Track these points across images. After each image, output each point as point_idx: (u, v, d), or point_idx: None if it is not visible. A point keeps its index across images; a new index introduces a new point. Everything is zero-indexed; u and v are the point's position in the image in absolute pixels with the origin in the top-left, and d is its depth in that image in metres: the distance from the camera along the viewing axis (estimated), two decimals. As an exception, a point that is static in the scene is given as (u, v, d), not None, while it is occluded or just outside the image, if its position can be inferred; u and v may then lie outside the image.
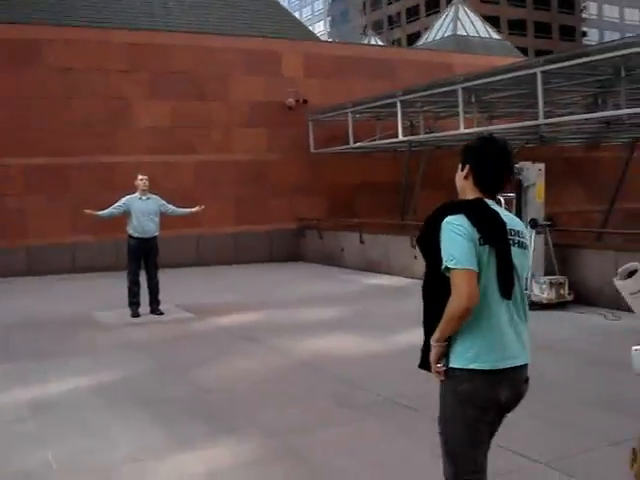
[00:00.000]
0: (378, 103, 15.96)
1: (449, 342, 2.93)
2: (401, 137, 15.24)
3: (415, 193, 18.15)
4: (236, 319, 10.07)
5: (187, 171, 17.49)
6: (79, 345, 8.62)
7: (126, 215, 10.37)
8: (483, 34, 26.72)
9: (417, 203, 18.28)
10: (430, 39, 27.45)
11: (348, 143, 17.64)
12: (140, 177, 10.46)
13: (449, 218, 2.90)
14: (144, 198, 10.41)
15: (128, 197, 10.43)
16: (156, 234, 10.46)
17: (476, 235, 2.87)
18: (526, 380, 3.06)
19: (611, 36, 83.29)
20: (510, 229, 2.99)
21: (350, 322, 9.72)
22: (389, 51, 21.68)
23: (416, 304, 3.21)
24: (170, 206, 10.69)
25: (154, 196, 10.58)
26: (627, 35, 79.60)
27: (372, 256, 15.77)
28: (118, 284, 14.38)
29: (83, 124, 16.56)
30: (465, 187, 3.09)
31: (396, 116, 18.18)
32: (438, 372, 2.97)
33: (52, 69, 16.29)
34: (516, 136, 17.17)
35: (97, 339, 8.97)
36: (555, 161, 21.82)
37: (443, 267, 2.86)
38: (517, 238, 3.02)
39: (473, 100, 15.09)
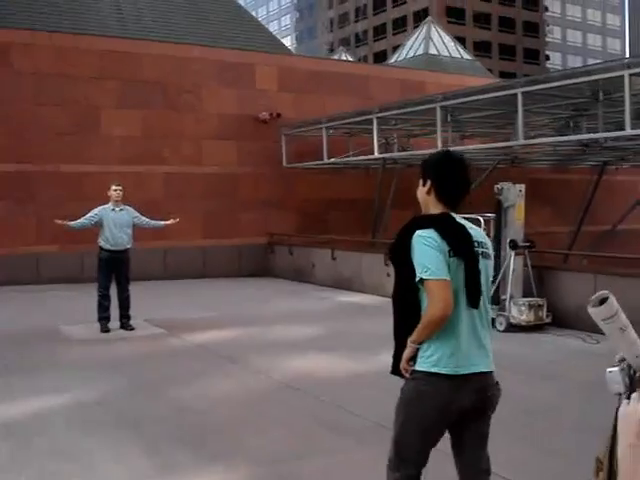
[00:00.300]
0: (354, 119, 15.84)
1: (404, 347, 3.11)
2: (377, 154, 15.12)
3: (386, 211, 18.07)
4: (211, 336, 9.78)
5: (157, 182, 17.15)
6: (47, 361, 8.25)
7: (98, 226, 10.04)
8: (454, 54, 26.88)
9: (388, 221, 18.19)
10: (402, 57, 27.52)
11: (321, 158, 17.49)
12: (114, 187, 10.15)
13: (420, 232, 3.05)
14: (117, 209, 10.10)
15: (101, 208, 10.11)
16: (129, 246, 10.15)
17: (446, 248, 3.02)
18: (495, 384, 3.18)
19: (574, 60, 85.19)
20: (475, 241, 3.14)
21: (328, 341, 9.51)
22: (362, 67, 21.64)
23: (391, 324, 3.27)
24: (144, 218, 10.39)
25: (128, 207, 10.28)
26: (589, 60, 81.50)
27: (344, 273, 15.60)
28: (84, 297, 14.03)
29: (51, 131, 16.15)
30: (428, 202, 3.24)
31: (370, 133, 18.15)
32: (406, 370, 3.10)
33: (21, 73, 15.88)
34: (490, 156, 17.21)
35: (66, 355, 8.61)
36: (523, 182, 22.13)
37: (417, 279, 3.00)
38: (482, 249, 3.18)
39: (449, 119, 15.07)
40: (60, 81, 16.22)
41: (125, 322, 10.16)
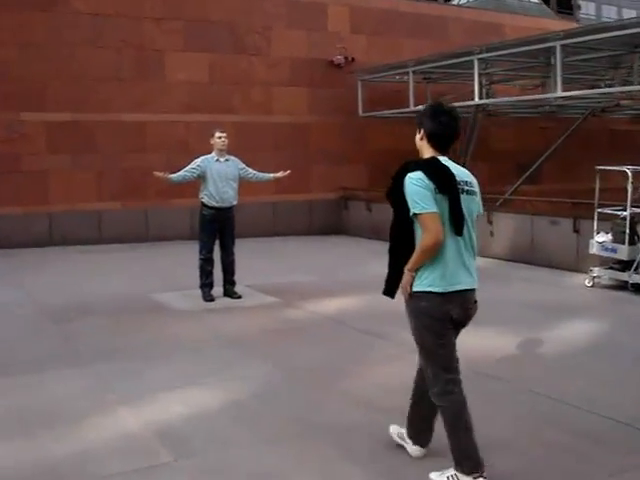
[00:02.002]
0: (447, 62, 14.25)
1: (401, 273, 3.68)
2: (477, 100, 13.57)
3: (466, 163, 16.62)
4: (333, 306, 8.47)
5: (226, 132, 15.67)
6: (157, 340, 6.92)
7: (200, 180, 8.70)
8: (521, -4, 25.11)
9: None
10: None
11: (398, 107, 16.02)
12: (218, 134, 8.78)
13: (410, 174, 3.57)
14: (222, 160, 8.75)
15: (203, 158, 8.74)
16: (234, 203, 8.82)
17: (432, 186, 3.53)
18: (474, 302, 3.79)
19: (608, 10, 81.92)
20: (459, 180, 3.63)
21: (481, 314, 8.14)
22: (438, 8, 19.84)
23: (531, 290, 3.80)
24: (251, 170, 9.04)
25: (233, 158, 8.92)
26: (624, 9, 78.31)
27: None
28: (158, 258, 12.86)
29: (111, 77, 14.74)
30: (422, 147, 3.80)
31: (454, 78, 16.69)
32: (408, 293, 3.67)
33: (79, 13, 14.38)
34: (590, 103, 15.73)
35: (177, 330, 7.32)
36: (603, 133, 20.54)
37: (411, 214, 3.55)
38: (465, 187, 3.66)
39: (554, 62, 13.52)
40: (120, 22, 14.73)
41: (230, 289, 8.88)
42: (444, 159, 3.70)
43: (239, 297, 8.80)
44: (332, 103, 16.82)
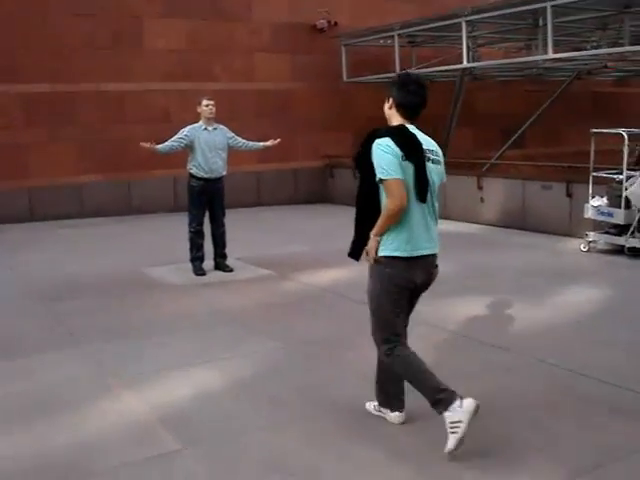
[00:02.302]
0: (436, 24, 13.93)
1: (368, 237, 3.80)
2: (465, 63, 13.31)
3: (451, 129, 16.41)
4: (329, 277, 8.29)
5: (206, 101, 15.28)
6: (154, 316, 6.72)
7: (187, 150, 8.41)
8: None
9: (449, 139, 16.58)
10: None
11: (383, 71, 15.72)
12: (205, 102, 8.48)
13: (378, 141, 3.70)
14: (210, 129, 8.46)
15: (190, 127, 8.45)
16: (224, 173, 8.58)
17: (399, 153, 3.66)
18: (436, 266, 3.91)
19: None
20: (425, 148, 3.76)
21: (474, 280, 8.01)
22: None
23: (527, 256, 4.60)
24: (240, 139, 8.76)
25: (221, 127, 8.63)
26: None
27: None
28: (144, 232, 12.56)
29: (89, 45, 14.27)
30: (391, 116, 3.92)
31: (440, 41, 16.39)
32: (374, 258, 3.79)
33: (52, -21, 13.89)
34: (577, 65, 15.54)
35: (173, 307, 7.10)
36: (586, 96, 20.36)
37: (377, 179, 3.67)
38: (431, 156, 3.80)
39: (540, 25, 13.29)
40: (96, -13, 14.25)
41: (221, 262, 8.66)
42: (412, 127, 3.85)
43: (231, 270, 8.58)
44: (315, 69, 16.48)
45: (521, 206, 12.06)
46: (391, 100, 3.89)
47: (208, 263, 8.68)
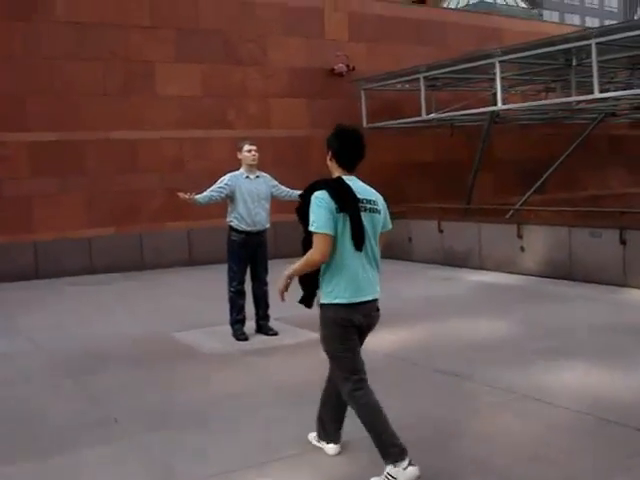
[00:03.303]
0: (465, 66, 13.28)
1: (318, 286, 4.02)
2: (500, 105, 12.61)
3: (477, 173, 15.74)
4: (386, 340, 7.32)
5: (220, 149, 14.51)
6: (208, 395, 5.69)
7: (228, 200, 7.56)
8: (510, 2, 24.33)
9: (474, 185, 15.92)
10: (454, 4, 24.86)
11: (405, 116, 15.12)
12: (247, 147, 7.64)
13: (316, 193, 3.88)
14: (252, 177, 7.62)
15: (231, 175, 7.60)
16: (267, 226, 7.70)
17: (334, 206, 3.85)
18: (377, 309, 4.11)
19: (571, 18, 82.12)
20: (362, 198, 3.95)
21: (548, 341, 7.11)
22: (438, 12, 19.05)
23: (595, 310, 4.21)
24: (284, 187, 7.91)
25: (264, 174, 7.79)
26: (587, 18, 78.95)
27: (456, 247, 13.22)
28: (162, 288, 11.64)
29: (98, 92, 13.54)
30: (332, 167, 4.10)
31: (461, 84, 15.81)
32: (282, 295, 4.08)
33: (61, 23, 13.18)
34: (605, 107, 14.92)
35: (221, 381, 6.12)
36: (602, 138, 19.76)
37: (308, 230, 3.87)
38: (368, 205, 3.98)
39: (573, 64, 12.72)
40: (107, 32, 13.55)
41: (264, 325, 7.74)
42: (350, 178, 4.00)
43: (275, 334, 7.66)
44: (333, 114, 15.70)
45: (567, 255, 11.24)
46: (330, 153, 4.05)
47: (248, 325, 7.76)
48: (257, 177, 7.63)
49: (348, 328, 3.93)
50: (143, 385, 6.01)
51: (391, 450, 3.84)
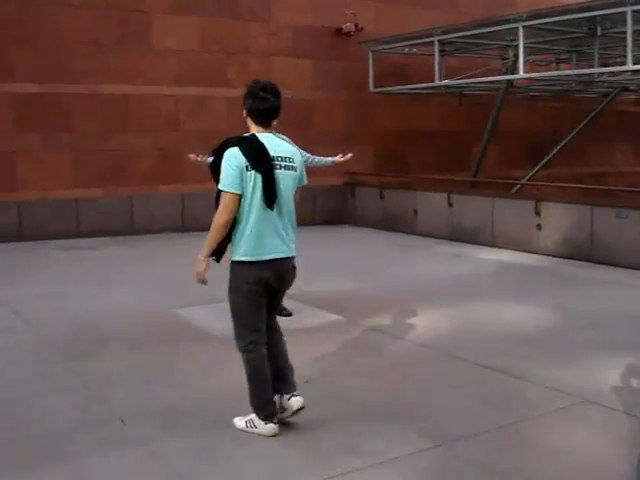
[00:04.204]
0: (483, 30, 12.43)
1: (229, 240, 3.97)
2: (522, 73, 11.79)
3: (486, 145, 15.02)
4: (416, 325, 6.67)
5: (218, 108, 13.65)
6: (227, 389, 4.98)
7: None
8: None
9: (484, 156, 15.21)
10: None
11: (407, 82, 14.36)
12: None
13: (228, 150, 3.88)
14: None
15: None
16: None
17: (244, 163, 3.84)
18: (293, 268, 4.16)
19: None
20: (276, 156, 3.95)
21: (597, 334, 6.44)
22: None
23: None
24: (308, 154, 7.11)
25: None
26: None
27: (465, 223, 12.52)
28: (156, 256, 10.84)
29: (90, 42, 12.56)
30: (249, 124, 4.09)
31: (473, 51, 15.01)
32: (202, 280, 3.99)
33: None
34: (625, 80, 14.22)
35: (239, 370, 5.41)
36: (609, 114, 19.07)
37: (218, 189, 3.90)
38: (283, 163, 3.98)
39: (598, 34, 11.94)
40: (100, -23, 12.56)
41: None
42: (265, 135, 3.98)
43: (289, 314, 6.90)
44: (338, 77, 14.96)
45: (588, 235, 10.59)
46: (245, 109, 4.04)
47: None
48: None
49: (256, 286, 3.91)
50: (150, 374, 5.26)
51: (261, 411, 4.01)
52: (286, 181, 3.97)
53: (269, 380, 4.03)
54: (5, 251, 11.11)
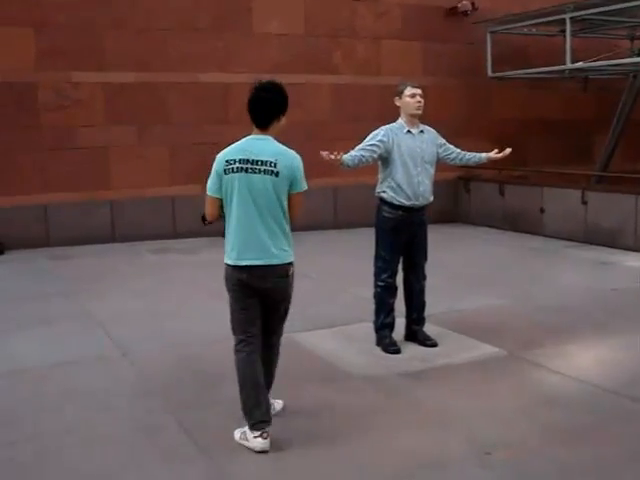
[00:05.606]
0: (624, 5, 10.83)
1: None
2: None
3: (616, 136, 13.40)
4: (595, 363, 5.35)
5: (322, 97, 12.53)
6: (377, 457, 3.86)
7: (380, 163, 5.58)
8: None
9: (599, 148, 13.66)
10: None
11: (526, 66, 12.89)
12: (410, 91, 5.61)
13: (219, 154, 3.95)
14: (416, 132, 5.59)
15: (387, 128, 5.59)
16: (431, 199, 5.72)
17: (223, 167, 3.87)
18: (282, 276, 3.95)
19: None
20: (254, 159, 3.83)
21: None
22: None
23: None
24: (453, 147, 5.88)
25: (429, 129, 5.76)
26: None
27: (602, 223, 11.00)
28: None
29: (186, 27, 11.60)
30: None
31: (599, 30, 13.41)
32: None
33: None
34: None
35: (396, 432, 4.22)
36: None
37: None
38: (262, 167, 3.83)
39: None
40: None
41: (419, 331, 5.78)
42: (253, 137, 3.94)
43: (434, 344, 5.69)
44: (450, 61, 13.57)
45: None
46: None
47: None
48: (421, 132, 5.61)
49: (239, 287, 3.91)
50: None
51: (248, 414, 3.85)
52: (265, 185, 3.83)
53: (258, 385, 3.89)
54: (98, 254, 10.31)
